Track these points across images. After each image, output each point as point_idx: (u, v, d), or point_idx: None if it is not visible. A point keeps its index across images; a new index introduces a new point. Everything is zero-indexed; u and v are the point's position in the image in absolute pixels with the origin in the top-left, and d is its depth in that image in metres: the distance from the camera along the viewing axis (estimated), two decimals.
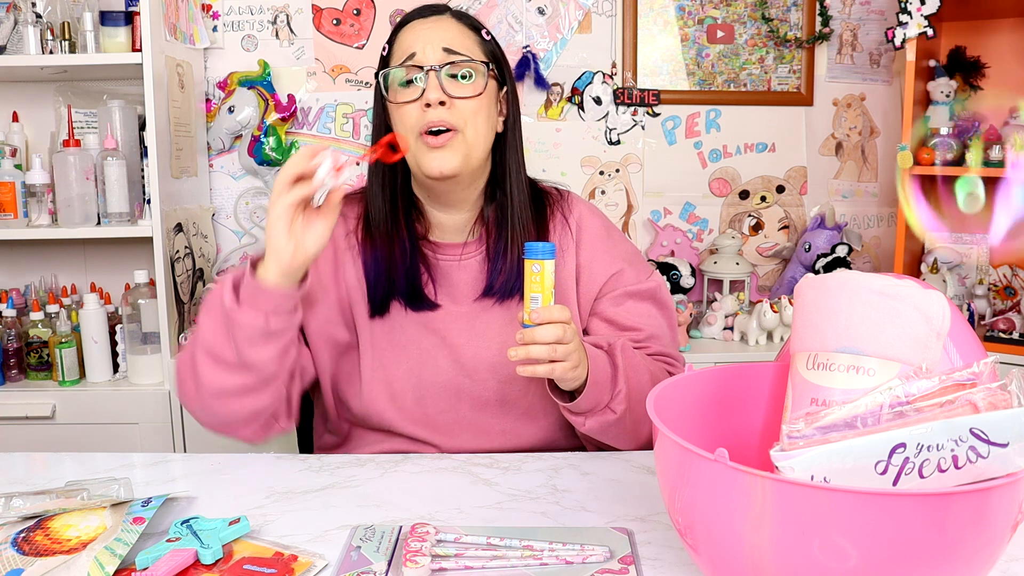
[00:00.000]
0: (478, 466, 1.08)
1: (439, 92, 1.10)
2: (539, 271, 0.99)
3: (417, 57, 1.11)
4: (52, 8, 2.04)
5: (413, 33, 1.14)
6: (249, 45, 2.38)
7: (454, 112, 1.11)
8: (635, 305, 1.21)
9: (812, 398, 0.73)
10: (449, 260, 1.20)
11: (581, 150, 2.46)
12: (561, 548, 0.83)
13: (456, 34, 1.14)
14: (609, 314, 1.20)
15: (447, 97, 1.10)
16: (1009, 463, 0.63)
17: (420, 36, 1.13)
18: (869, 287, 0.72)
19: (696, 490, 0.66)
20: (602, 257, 1.22)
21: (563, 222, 1.23)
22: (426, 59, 1.11)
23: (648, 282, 1.22)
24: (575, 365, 1.01)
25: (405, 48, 1.13)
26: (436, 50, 1.11)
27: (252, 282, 1.01)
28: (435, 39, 1.12)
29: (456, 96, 1.11)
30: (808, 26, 2.45)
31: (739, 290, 2.38)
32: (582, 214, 1.25)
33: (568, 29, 2.43)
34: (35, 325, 2.08)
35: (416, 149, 1.12)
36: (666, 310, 1.24)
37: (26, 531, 0.84)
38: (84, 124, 2.24)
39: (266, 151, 2.31)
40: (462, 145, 1.12)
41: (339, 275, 1.20)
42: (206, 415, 1.10)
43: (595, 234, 1.24)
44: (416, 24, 1.15)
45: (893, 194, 2.49)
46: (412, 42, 1.13)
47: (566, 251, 1.22)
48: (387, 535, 0.86)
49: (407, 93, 1.12)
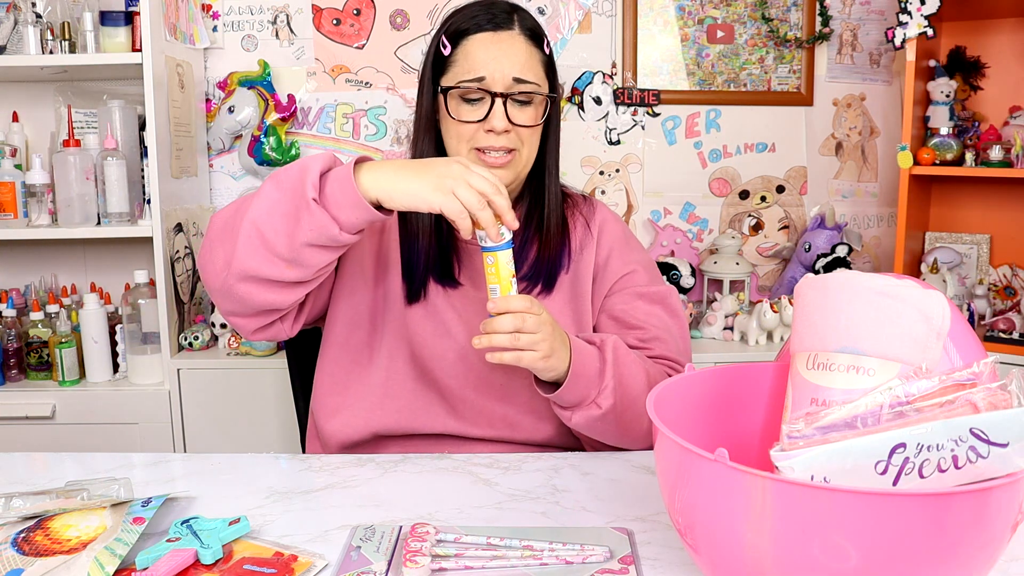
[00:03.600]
0: (478, 466, 1.08)
1: (504, 121, 1.12)
2: (493, 263, 1.00)
3: (487, 81, 1.12)
4: (52, 8, 2.04)
5: (484, 51, 1.13)
6: (249, 45, 2.38)
7: (512, 137, 1.13)
8: (644, 306, 1.21)
9: (812, 398, 0.73)
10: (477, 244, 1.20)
11: (581, 150, 2.46)
12: (561, 548, 0.83)
13: (526, 58, 1.14)
14: (616, 311, 1.21)
15: (510, 124, 1.12)
16: (1009, 463, 0.63)
17: (491, 57, 1.12)
18: (869, 287, 0.72)
19: (696, 490, 0.66)
20: (617, 256, 1.24)
21: (584, 224, 1.25)
22: (495, 84, 1.12)
23: (661, 287, 1.24)
24: (546, 355, 1.01)
25: (474, 66, 1.13)
26: (506, 77, 1.12)
27: (351, 186, 0.96)
28: (506, 65, 1.12)
29: (518, 124, 1.13)
30: (808, 26, 2.45)
31: (739, 290, 2.38)
32: (605, 218, 1.28)
33: (568, 29, 2.43)
34: (35, 325, 2.08)
35: (469, 158, 1.13)
36: (676, 317, 1.23)
37: (26, 531, 0.84)
38: (84, 124, 2.24)
39: (266, 151, 2.31)
40: (517, 164, 1.15)
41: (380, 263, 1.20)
42: (222, 294, 1.06)
43: (614, 236, 1.26)
44: (488, 41, 1.14)
45: (893, 194, 2.49)
46: (483, 62, 1.12)
47: (585, 250, 1.23)
48: (387, 535, 0.86)
49: (469, 111, 1.13)
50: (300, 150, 2.38)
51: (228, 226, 1.02)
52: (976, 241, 2.40)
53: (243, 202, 1.03)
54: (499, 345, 1.00)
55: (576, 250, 1.24)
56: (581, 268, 1.23)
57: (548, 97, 1.16)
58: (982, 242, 2.40)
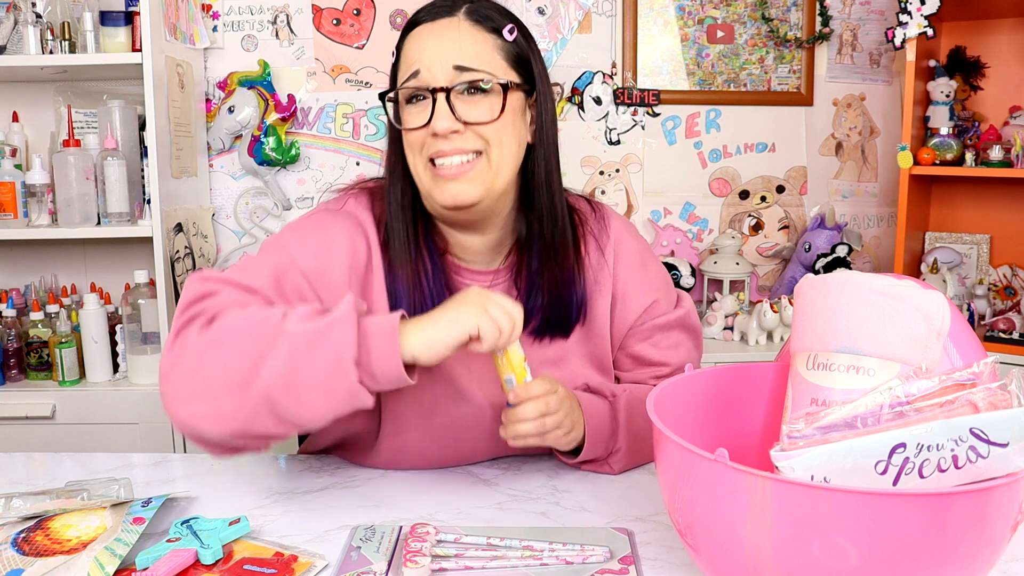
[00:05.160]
0: (478, 466, 1.08)
1: (449, 120, 0.94)
2: (502, 355, 0.94)
3: (422, 76, 0.95)
4: (52, 8, 2.04)
5: (419, 43, 0.97)
6: (249, 45, 2.38)
7: (468, 137, 0.95)
8: (663, 337, 1.14)
9: (812, 398, 0.73)
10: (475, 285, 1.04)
11: (581, 150, 2.46)
12: (561, 548, 0.83)
13: (469, 43, 0.96)
14: (636, 350, 1.13)
15: (460, 124, 0.95)
16: (1009, 463, 0.63)
17: (426, 48, 0.96)
18: (869, 287, 0.72)
19: (696, 490, 0.66)
20: (636, 288, 1.11)
21: (597, 247, 1.10)
22: (433, 78, 0.94)
23: (677, 310, 1.15)
24: (568, 431, 0.98)
25: (410, 62, 0.97)
26: (445, 67, 0.94)
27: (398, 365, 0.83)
28: (444, 53, 0.95)
29: (472, 122, 0.95)
30: (808, 26, 2.45)
31: (739, 290, 2.38)
32: (619, 237, 1.12)
33: (568, 29, 2.43)
34: (35, 325, 2.08)
35: (426, 177, 0.98)
36: (694, 334, 1.17)
37: (26, 531, 0.84)
38: (84, 124, 2.24)
39: (266, 151, 2.31)
40: (484, 171, 0.97)
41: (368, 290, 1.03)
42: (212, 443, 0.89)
43: (631, 261, 1.12)
44: (423, 32, 0.98)
45: (893, 194, 2.49)
46: (417, 55, 0.96)
47: (601, 280, 1.10)
48: (387, 535, 0.86)
49: (414, 116, 0.97)
50: (300, 150, 2.38)
51: (227, 384, 0.84)
52: (976, 241, 2.40)
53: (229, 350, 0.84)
54: (526, 433, 0.95)
55: (590, 281, 1.09)
56: (597, 304, 1.09)
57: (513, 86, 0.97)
58: (982, 242, 2.40)
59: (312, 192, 2.42)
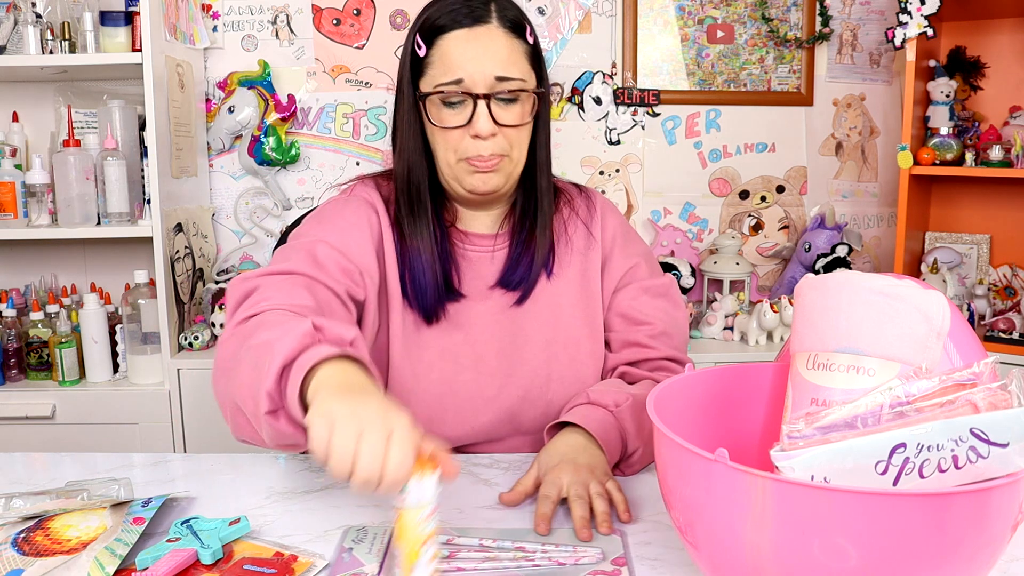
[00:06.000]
0: (478, 466, 1.08)
1: (490, 124, 1.05)
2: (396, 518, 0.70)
3: (466, 83, 1.04)
4: (52, 8, 2.04)
5: (460, 50, 1.05)
6: (249, 45, 2.38)
7: (500, 141, 1.07)
8: (650, 300, 1.21)
9: (812, 398, 0.73)
10: (479, 252, 1.17)
11: (581, 150, 2.46)
12: (554, 550, 0.82)
13: (507, 52, 1.05)
14: (624, 308, 1.20)
15: (497, 129, 1.06)
16: (1009, 463, 0.63)
17: (468, 56, 1.04)
18: (869, 287, 0.72)
19: (696, 490, 0.66)
20: (620, 250, 1.22)
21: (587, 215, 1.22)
22: (476, 86, 1.04)
23: (662, 278, 1.23)
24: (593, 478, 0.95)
25: (451, 67, 1.05)
26: (487, 77, 1.04)
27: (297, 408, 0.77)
28: (485, 62, 1.04)
29: (505, 124, 1.06)
30: (808, 26, 2.45)
31: (739, 290, 2.38)
32: (605, 210, 1.25)
33: (568, 29, 2.43)
34: (35, 325, 2.08)
35: (459, 169, 1.09)
36: (679, 309, 1.24)
37: (26, 531, 0.84)
38: (84, 124, 2.24)
39: (266, 151, 2.31)
40: (507, 166, 1.10)
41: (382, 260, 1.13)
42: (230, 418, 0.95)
43: (615, 229, 1.24)
44: (464, 38, 1.05)
45: (893, 194, 2.49)
46: (459, 62, 1.04)
47: (591, 248, 1.21)
48: (379, 536, 0.86)
49: (452, 117, 1.06)
50: (300, 150, 2.38)
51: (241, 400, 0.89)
52: (976, 241, 2.40)
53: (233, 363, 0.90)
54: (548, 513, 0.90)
55: (580, 248, 1.20)
56: (589, 265, 1.20)
57: (535, 93, 1.09)
58: (982, 242, 2.40)
59: (312, 192, 2.42)
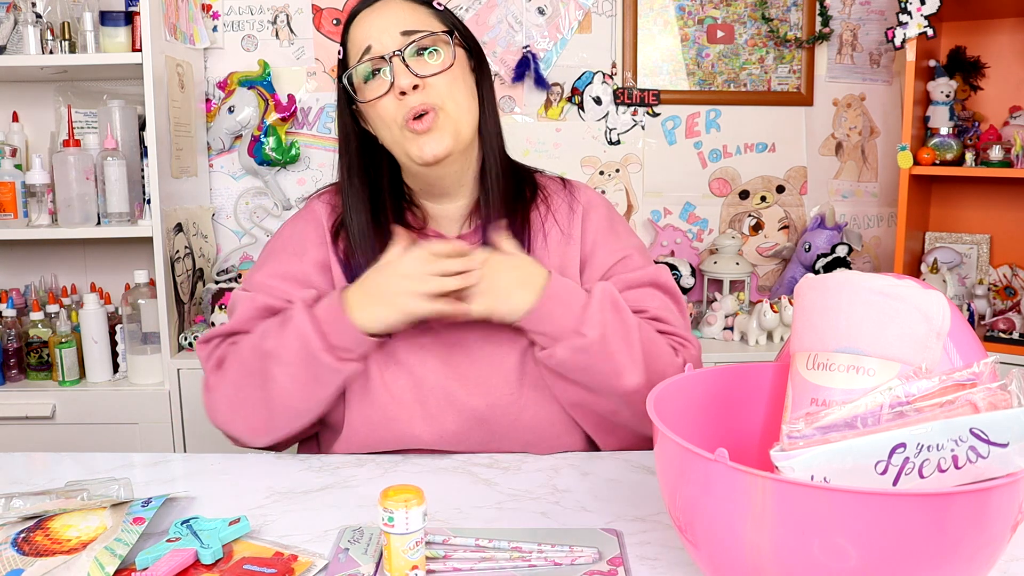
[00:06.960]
0: (478, 466, 1.08)
1: (409, 77, 1.05)
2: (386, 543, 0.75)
3: (375, 49, 1.07)
4: (52, 8, 2.04)
5: (364, 25, 1.09)
6: (249, 45, 2.38)
7: (430, 92, 1.06)
8: (641, 291, 1.16)
9: (812, 398, 0.73)
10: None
11: (581, 150, 2.46)
12: (550, 550, 0.82)
13: (408, 13, 1.09)
14: None
15: (419, 79, 1.05)
16: (1009, 463, 0.63)
17: (372, 26, 1.08)
18: (869, 287, 0.72)
19: (696, 490, 0.66)
20: (603, 246, 1.18)
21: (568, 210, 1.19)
22: (385, 47, 1.06)
23: (651, 267, 1.19)
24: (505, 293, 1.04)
25: (360, 43, 1.09)
26: (393, 36, 1.06)
27: (355, 331, 1.03)
28: (388, 25, 1.07)
29: (427, 75, 1.06)
30: (808, 26, 2.45)
31: (739, 290, 2.38)
32: (589, 203, 1.21)
33: (568, 29, 2.43)
34: (35, 325, 2.08)
35: (402, 139, 1.08)
36: (673, 295, 1.19)
37: (26, 531, 0.84)
38: (84, 124, 2.24)
39: (266, 151, 2.31)
40: (447, 123, 1.07)
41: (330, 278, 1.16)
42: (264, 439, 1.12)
43: (600, 225, 1.20)
44: (364, 16, 1.10)
45: (893, 194, 2.49)
46: (365, 35, 1.08)
47: (570, 244, 1.17)
48: (375, 537, 0.86)
49: (376, 88, 1.07)
50: (300, 150, 2.38)
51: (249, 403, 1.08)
52: (976, 241, 2.40)
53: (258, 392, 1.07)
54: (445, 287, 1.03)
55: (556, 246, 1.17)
56: (567, 263, 1.17)
57: (456, 42, 1.08)
58: (982, 242, 2.40)
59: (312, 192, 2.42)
